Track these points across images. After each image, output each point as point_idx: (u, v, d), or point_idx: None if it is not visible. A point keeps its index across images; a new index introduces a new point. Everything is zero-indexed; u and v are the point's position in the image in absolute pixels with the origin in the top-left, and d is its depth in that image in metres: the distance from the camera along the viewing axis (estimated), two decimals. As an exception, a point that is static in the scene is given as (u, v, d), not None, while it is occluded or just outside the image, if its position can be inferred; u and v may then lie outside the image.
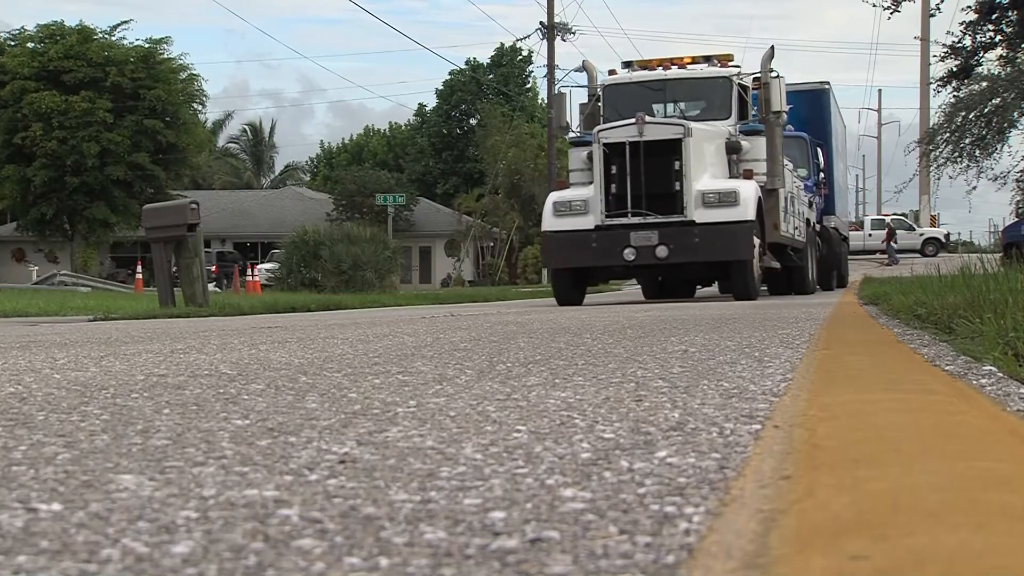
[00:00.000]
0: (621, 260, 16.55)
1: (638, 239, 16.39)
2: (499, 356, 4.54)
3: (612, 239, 16.50)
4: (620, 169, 16.65)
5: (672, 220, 16.40)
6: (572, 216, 16.83)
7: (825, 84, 28.89)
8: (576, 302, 17.26)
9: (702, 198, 16.40)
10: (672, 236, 16.28)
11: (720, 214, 16.35)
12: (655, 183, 16.56)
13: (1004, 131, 25.21)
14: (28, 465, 1.98)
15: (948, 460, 1.78)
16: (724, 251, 16.35)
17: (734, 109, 18.43)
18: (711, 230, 16.22)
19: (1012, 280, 5.96)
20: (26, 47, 47.53)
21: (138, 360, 4.72)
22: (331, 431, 2.34)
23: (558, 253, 17.09)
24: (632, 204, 16.54)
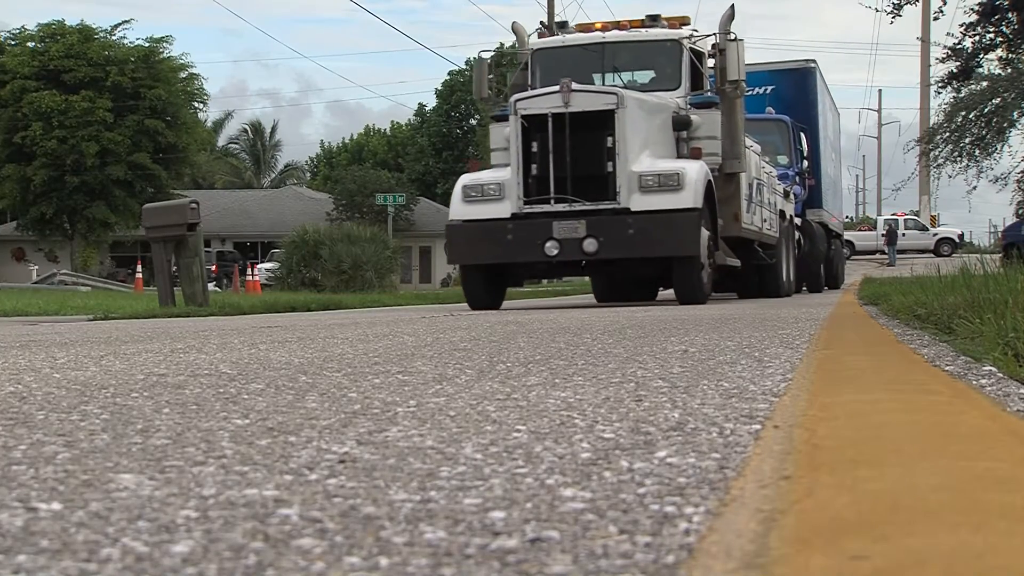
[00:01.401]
0: (542, 255, 13.82)
1: (562, 230, 13.77)
2: (499, 356, 4.54)
3: (531, 230, 13.86)
4: (542, 147, 13.98)
5: (602, 207, 13.82)
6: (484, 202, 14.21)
7: (811, 62, 26.48)
8: (492, 305, 14.58)
9: (639, 181, 13.78)
10: (602, 227, 13.68)
11: (660, 200, 13.73)
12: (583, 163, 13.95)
13: (1004, 131, 25.21)
14: (28, 464, 1.98)
15: (948, 460, 1.78)
16: (664, 245, 13.68)
17: (685, 78, 15.76)
18: (649, 220, 13.62)
19: (1012, 280, 5.96)
20: (26, 46, 47.54)
21: (138, 359, 4.72)
22: (331, 431, 2.34)
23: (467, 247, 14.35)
24: (555, 188, 13.90)
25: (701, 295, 14.15)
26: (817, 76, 26.64)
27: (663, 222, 13.63)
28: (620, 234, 13.64)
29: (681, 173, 13.88)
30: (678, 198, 13.73)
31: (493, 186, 14.26)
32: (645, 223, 13.62)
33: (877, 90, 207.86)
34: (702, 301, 14.04)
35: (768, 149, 22.04)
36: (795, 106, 24.33)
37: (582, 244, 13.71)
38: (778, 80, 25.58)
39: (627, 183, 13.81)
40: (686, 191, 13.75)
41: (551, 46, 16.22)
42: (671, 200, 13.73)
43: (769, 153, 21.84)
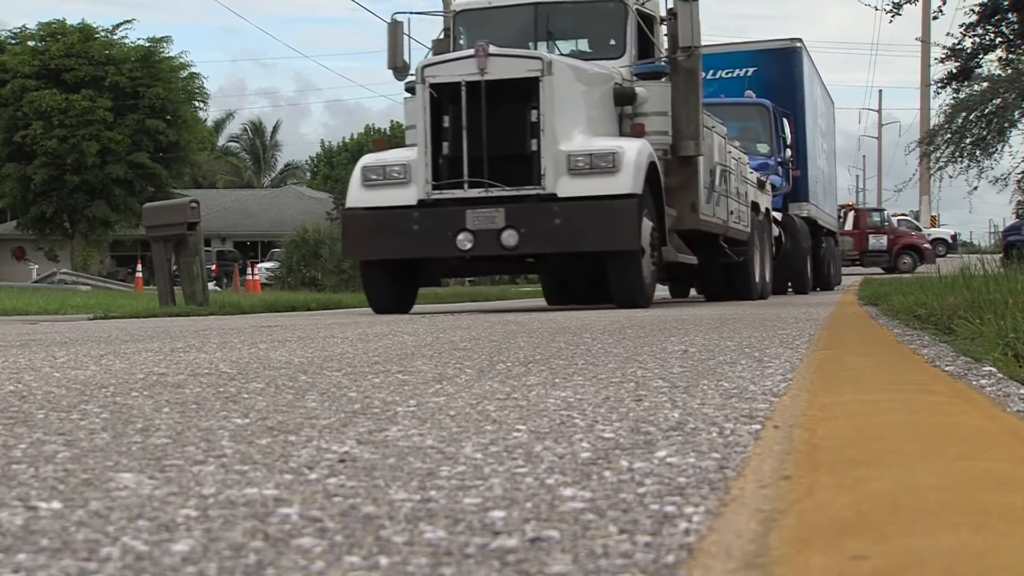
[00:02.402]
0: (454, 249, 11.84)
1: (477, 220, 11.79)
2: (499, 355, 4.54)
3: (441, 220, 11.90)
4: (454, 121, 11.98)
5: (525, 193, 11.82)
6: (387, 187, 12.21)
7: (796, 41, 24.09)
8: (398, 308, 12.67)
9: (567, 162, 11.76)
10: (524, 216, 11.69)
11: (592, 185, 11.72)
12: (503, 141, 11.94)
13: (1004, 131, 25.22)
14: (28, 463, 1.98)
15: (948, 460, 1.78)
16: (597, 238, 11.65)
17: (630, 45, 13.64)
18: (579, 208, 11.62)
19: (1012, 281, 5.96)
20: (27, 45, 47.53)
21: (138, 359, 4.72)
22: (331, 430, 2.34)
23: (365, 240, 12.36)
24: (470, 170, 11.89)
25: (642, 297, 12.13)
26: (803, 57, 24.42)
27: (595, 210, 11.63)
28: (545, 225, 11.67)
29: (617, 153, 11.82)
30: (613, 182, 11.71)
31: (397, 168, 12.29)
32: (574, 212, 11.64)
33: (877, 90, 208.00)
34: (643, 304, 12.07)
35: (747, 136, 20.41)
36: (778, 90, 22.47)
37: (500, 237, 11.73)
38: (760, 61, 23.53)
39: (554, 164, 11.81)
40: (623, 174, 11.72)
41: (476, 7, 14.10)
42: (605, 184, 11.72)
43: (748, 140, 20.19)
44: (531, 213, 11.76)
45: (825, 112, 28.86)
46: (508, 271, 17.05)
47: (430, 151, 12.09)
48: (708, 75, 22.44)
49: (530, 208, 11.78)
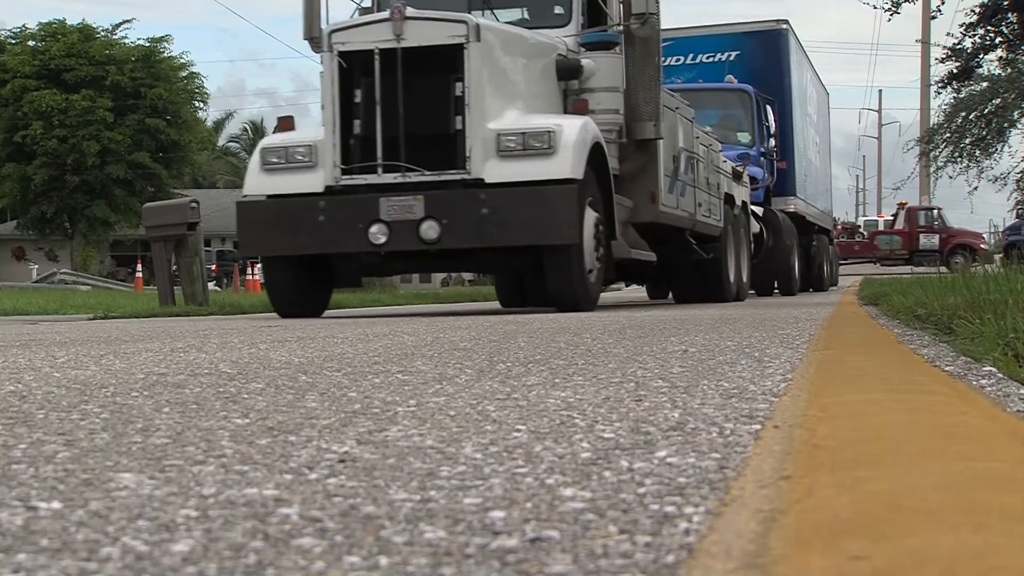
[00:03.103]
0: (365, 243, 10.41)
1: (392, 210, 10.31)
2: (499, 355, 4.54)
3: (352, 209, 10.44)
4: (367, 96, 10.53)
5: (447, 178, 10.38)
6: (290, 172, 10.73)
7: (782, 23, 22.40)
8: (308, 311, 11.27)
9: (496, 143, 10.30)
10: (446, 205, 10.25)
11: (524, 169, 10.24)
12: (422, 118, 10.49)
13: (1004, 131, 25.23)
14: (28, 463, 1.98)
15: (948, 460, 1.78)
16: (530, 230, 10.17)
17: (577, 13, 12.07)
18: (509, 195, 10.16)
19: (1012, 281, 5.96)
20: (27, 45, 47.54)
21: (138, 359, 4.72)
22: (331, 430, 2.34)
23: (265, 233, 10.86)
24: (384, 152, 10.45)
25: (585, 298, 10.73)
26: (790, 41, 22.71)
27: (528, 198, 10.18)
28: (470, 215, 10.20)
29: (554, 131, 10.31)
30: (549, 165, 10.24)
31: (302, 149, 10.77)
32: (504, 200, 10.18)
33: (877, 90, 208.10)
34: (586, 307, 10.70)
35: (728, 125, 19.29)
36: (763, 75, 20.96)
37: (419, 229, 10.28)
38: (743, 44, 21.82)
39: (481, 146, 10.36)
40: (560, 156, 10.26)
41: None
42: (540, 168, 10.25)
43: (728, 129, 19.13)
44: (454, 201, 10.31)
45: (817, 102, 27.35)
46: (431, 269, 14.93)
47: (339, 130, 10.61)
48: (688, 59, 21.66)
49: (453, 196, 10.35)
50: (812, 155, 25.88)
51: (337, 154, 10.66)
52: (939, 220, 48.97)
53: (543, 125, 10.51)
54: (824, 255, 26.60)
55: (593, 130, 10.90)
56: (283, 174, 10.83)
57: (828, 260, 27.60)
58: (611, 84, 12.04)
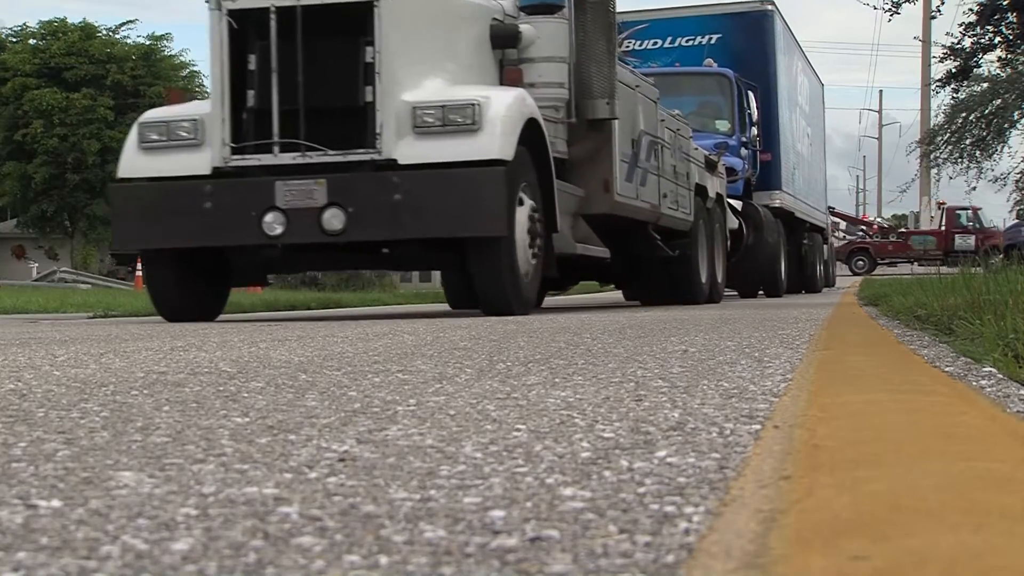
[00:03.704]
0: (259, 235, 8.98)
1: (290, 195, 8.93)
2: (499, 355, 4.54)
3: (242, 195, 9.04)
4: (262, 62, 9.11)
5: (354, 159, 9.00)
6: (172, 150, 9.31)
7: (767, 4, 21.00)
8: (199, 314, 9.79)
9: (412, 118, 8.92)
10: (353, 190, 8.88)
11: (444, 148, 8.87)
12: (326, 89, 9.11)
13: (1004, 132, 25.23)
14: (28, 462, 1.98)
15: (948, 461, 1.78)
16: (450, 219, 8.81)
17: None
18: (426, 179, 8.80)
19: (1012, 282, 5.96)
20: (27, 44, 47.56)
21: (138, 357, 4.72)
22: (331, 429, 2.34)
23: (141, 222, 9.38)
24: (281, 129, 9.07)
25: (517, 300, 9.29)
26: (776, 24, 21.27)
27: (448, 182, 8.81)
28: (380, 202, 8.82)
29: (479, 105, 8.89)
30: (473, 144, 8.85)
31: (186, 124, 9.33)
32: (420, 184, 8.80)
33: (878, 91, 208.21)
34: (519, 310, 9.28)
35: (706, 112, 18.22)
36: (747, 60, 19.66)
37: (321, 218, 8.89)
38: (725, 27, 20.43)
39: (394, 121, 8.95)
40: (486, 133, 8.85)
41: None
42: (462, 147, 8.86)
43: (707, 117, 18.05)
44: (362, 186, 8.90)
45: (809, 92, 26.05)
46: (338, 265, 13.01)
47: (229, 103, 9.16)
48: (665, 43, 20.32)
49: (361, 180, 8.94)
50: (802, 148, 24.60)
51: (227, 130, 9.18)
52: (975, 220, 48.60)
53: (466, 97, 9.06)
54: (817, 254, 25.50)
55: (528, 104, 9.44)
56: (164, 153, 9.35)
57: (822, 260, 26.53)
58: (554, 54, 10.52)
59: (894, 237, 51.20)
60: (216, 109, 9.29)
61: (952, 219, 48.82)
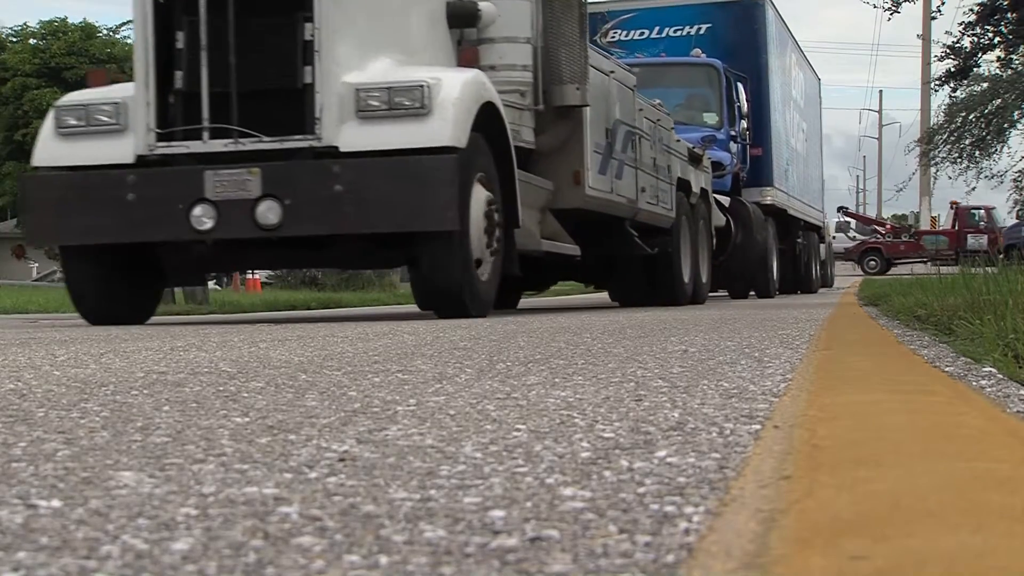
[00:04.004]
0: (187, 229, 8.28)
1: (221, 186, 8.21)
2: (499, 355, 4.54)
3: (169, 185, 8.34)
4: (191, 40, 8.39)
5: (292, 146, 8.29)
6: (92, 137, 8.58)
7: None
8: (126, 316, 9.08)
9: (355, 100, 8.23)
10: (290, 180, 8.17)
11: (390, 134, 8.17)
12: (260, 69, 8.39)
13: (1004, 132, 25.23)
14: (28, 462, 1.98)
15: (948, 461, 1.78)
16: (396, 212, 8.08)
17: None
18: (371, 168, 8.11)
19: (1012, 282, 5.96)
20: (28, 44, 47.60)
21: (138, 357, 4.72)
22: (331, 429, 2.34)
23: (59, 215, 8.61)
24: (213, 113, 8.36)
25: (473, 300, 8.58)
26: (768, 14, 20.45)
27: (395, 172, 8.07)
28: (320, 193, 8.10)
29: (429, 86, 8.17)
30: (422, 129, 8.12)
31: (106, 108, 8.55)
32: (364, 174, 8.10)
33: (878, 91, 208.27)
34: (474, 312, 8.59)
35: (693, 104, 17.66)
36: (737, 51, 18.93)
37: (255, 211, 8.15)
38: (714, 16, 19.59)
39: (336, 104, 8.23)
40: (436, 117, 8.14)
41: None
42: (410, 133, 8.14)
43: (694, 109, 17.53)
44: (300, 176, 8.17)
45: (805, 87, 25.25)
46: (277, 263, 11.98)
47: (154, 85, 8.37)
48: (652, 33, 19.62)
49: (299, 169, 8.21)
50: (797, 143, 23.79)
51: (152, 115, 8.40)
52: (988, 220, 48.41)
53: (415, 78, 8.27)
54: (813, 254, 24.87)
55: (484, 87, 8.70)
56: (83, 140, 8.57)
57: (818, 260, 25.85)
58: (518, 34, 9.77)
59: (906, 237, 51.12)
60: (140, 92, 8.48)
61: (964, 219, 48.71)
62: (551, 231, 10.54)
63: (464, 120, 8.33)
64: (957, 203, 49.02)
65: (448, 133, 8.21)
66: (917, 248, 49.42)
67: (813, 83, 27.44)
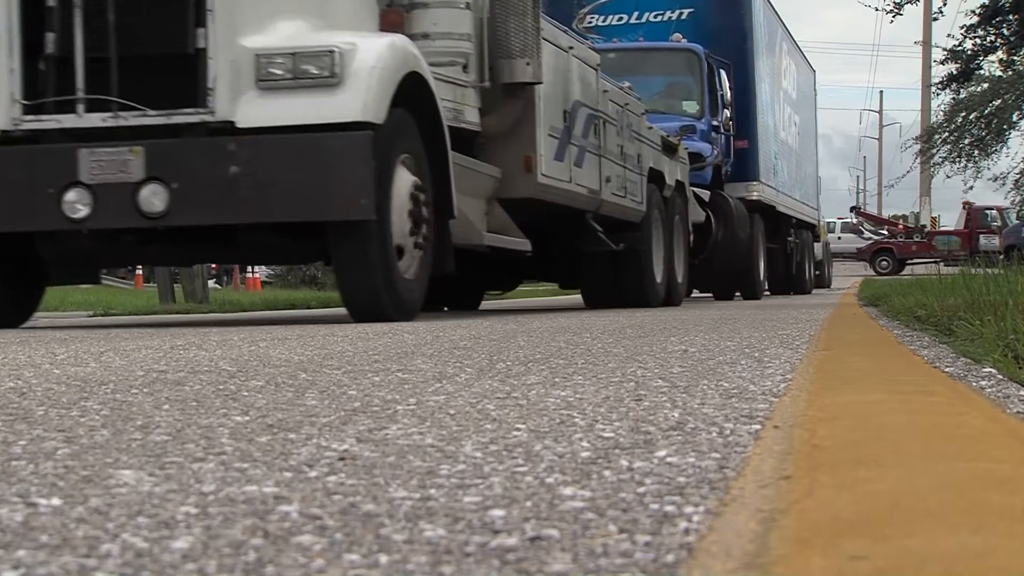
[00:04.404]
0: (58, 218, 7.26)
1: (98, 167, 7.18)
2: (499, 355, 4.54)
3: (37, 166, 7.33)
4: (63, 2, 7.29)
5: (180, 120, 7.27)
6: None
7: None
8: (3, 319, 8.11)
9: (255, 68, 7.20)
10: (179, 160, 7.21)
11: (296, 107, 7.16)
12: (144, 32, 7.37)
13: (1003, 132, 25.23)
14: (28, 460, 1.98)
15: (948, 461, 1.78)
16: (302, 199, 7.11)
17: None
18: (273, 147, 7.14)
19: (1012, 282, 5.96)
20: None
21: (138, 356, 4.72)
22: (331, 428, 2.34)
23: None
24: (88, 82, 7.31)
25: (394, 301, 7.58)
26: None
27: (299, 151, 7.07)
28: (214, 176, 7.07)
29: (341, 53, 7.15)
30: (331, 102, 7.13)
31: None
32: (264, 153, 7.09)
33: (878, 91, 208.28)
34: (398, 315, 7.61)
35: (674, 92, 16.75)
36: (722, 37, 17.82)
37: (137, 196, 7.12)
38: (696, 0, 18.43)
39: (231, 72, 7.19)
40: (349, 88, 7.12)
41: None
42: (317, 106, 7.14)
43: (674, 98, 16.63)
44: (190, 156, 7.17)
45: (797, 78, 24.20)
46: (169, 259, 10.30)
47: (19, 48, 7.30)
48: (632, 18, 18.66)
49: (188, 147, 7.20)
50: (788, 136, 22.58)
51: (16, 84, 7.34)
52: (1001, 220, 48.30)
53: (325, 43, 7.25)
54: (806, 253, 23.97)
55: (409, 54, 7.62)
56: None
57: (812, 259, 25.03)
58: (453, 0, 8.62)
59: (918, 237, 51.09)
60: (3, 57, 7.33)
61: (977, 219, 48.63)
62: (499, 224, 9.52)
63: (382, 92, 7.28)
64: (970, 203, 48.88)
65: (361, 106, 7.17)
66: (929, 248, 49.38)
67: (807, 75, 26.50)
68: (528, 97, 9.62)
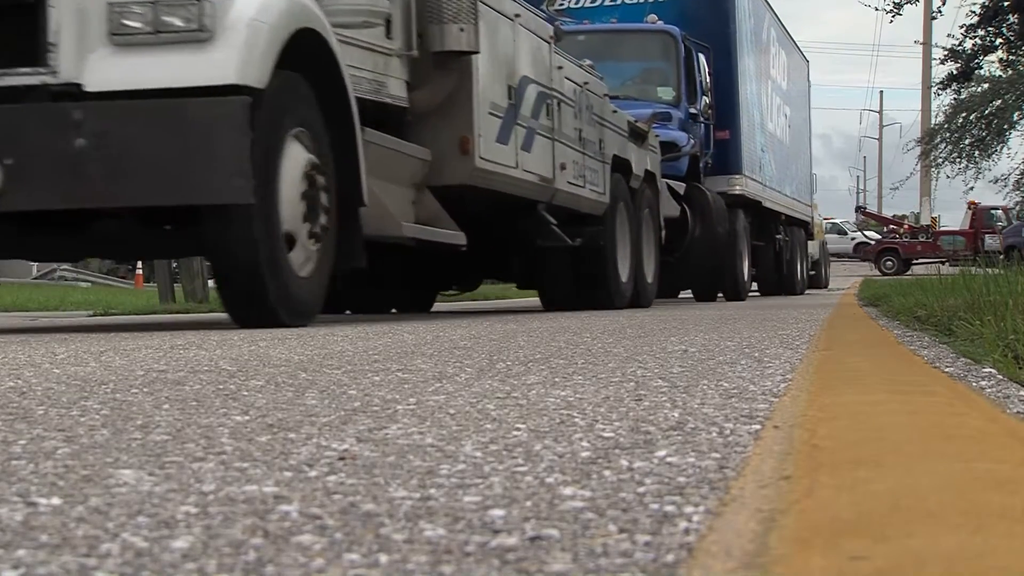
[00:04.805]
0: None
1: None
2: (499, 354, 4.54)
3: None
4: None
5: (16, 82, 6.07)
6: None
7: None
8: None
9: (107, 19, 6.02)
10: (12, 132, 5.98)
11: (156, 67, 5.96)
12: None
13: (1004, 132, 25.23)
14: (28, 459, 1.98)
15: (948, 461, 1.78)
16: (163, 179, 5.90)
17: None
18: (127, 115, 5.93)
19: (1012, 282, 5.96)
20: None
21: (138, 355, 4.72)
22: (331, 428, 2.34)
23: None
24: None
25: (283, 302, 6.56)
26: None
27: (160, 121, 5.92)
28: (56, 149, 5.92)
29: (212, 2, 5.99)
30: (201, 61, 5.97)
31: None
32: (118, 123, 5.92)
33: (878, 91, 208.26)
34: (286, 319, 6.62)
35: (649, 78, 15.59)
36: (703, 21, 16.56)
37: None
38: None
39: (77, 24, 6.05)
40: (222, 44, 5.97)
41: None
42: (183, 66, 5.98)
43: (649, 84, 15.50)
44: (27, 125, 6.00)
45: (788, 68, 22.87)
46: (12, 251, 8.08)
47: None
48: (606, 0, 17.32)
49: (25, 115, 6.03)
50: (776, 128, 21.28)
51: None
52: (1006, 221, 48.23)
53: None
54: (798, 252, 22.74)
55: (301, 7, 6.43)
56: None
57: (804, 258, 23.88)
58: None
59: (924, 237, 51.07)
60: None
61: (982, 219, 48.60)
62: (428, 214, 8.29)
63: (264, 50, 6.07)
64: (976, 203, 48.78)
65: (237, 67, 5.95)
66: (934, 248, 49.35)
67: (800, 65, 25.23)
68: (463, 69, 8.34)
